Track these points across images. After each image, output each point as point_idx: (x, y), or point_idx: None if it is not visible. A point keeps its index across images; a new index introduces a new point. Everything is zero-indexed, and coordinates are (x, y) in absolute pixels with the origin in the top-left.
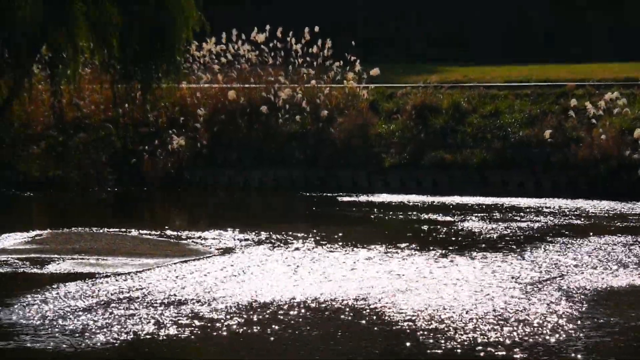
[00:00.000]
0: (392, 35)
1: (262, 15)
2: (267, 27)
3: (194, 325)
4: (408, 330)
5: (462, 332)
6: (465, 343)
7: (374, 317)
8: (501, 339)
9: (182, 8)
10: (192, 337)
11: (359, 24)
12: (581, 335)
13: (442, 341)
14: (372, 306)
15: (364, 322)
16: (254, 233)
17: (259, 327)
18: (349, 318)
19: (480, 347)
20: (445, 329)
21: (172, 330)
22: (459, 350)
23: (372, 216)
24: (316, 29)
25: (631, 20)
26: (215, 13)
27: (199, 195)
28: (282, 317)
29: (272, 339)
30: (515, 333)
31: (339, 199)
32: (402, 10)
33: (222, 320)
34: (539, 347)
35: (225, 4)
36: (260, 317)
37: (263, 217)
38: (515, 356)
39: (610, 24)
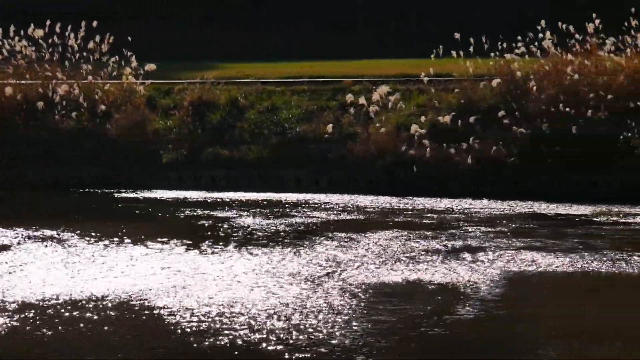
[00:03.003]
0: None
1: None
2: (48, 22)
3: None
4: (183, 328)
5: (237, 331)
6: (241, 342)
7: (148, 314)
8: (279, 338)
9: None
10: None
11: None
12: (361, 334)
13: (217, 339)
14: (147, 302)
15: (137, 318)
16: (30, 230)
17: (31, 325)
18: (124, 315)
19: (256, 346)
20: (220, 326)
21: None
22: (233, 349)
23: (150, 213)
24: (94, 23)
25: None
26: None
27: None
28: (55, 315)
29: (43, 337)
30: (293, 331)
31: (117, 195)
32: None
33: None
34: (317, 347)
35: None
36: (34, 314)
37: (40, 214)
38: (292, 357)
39: None
